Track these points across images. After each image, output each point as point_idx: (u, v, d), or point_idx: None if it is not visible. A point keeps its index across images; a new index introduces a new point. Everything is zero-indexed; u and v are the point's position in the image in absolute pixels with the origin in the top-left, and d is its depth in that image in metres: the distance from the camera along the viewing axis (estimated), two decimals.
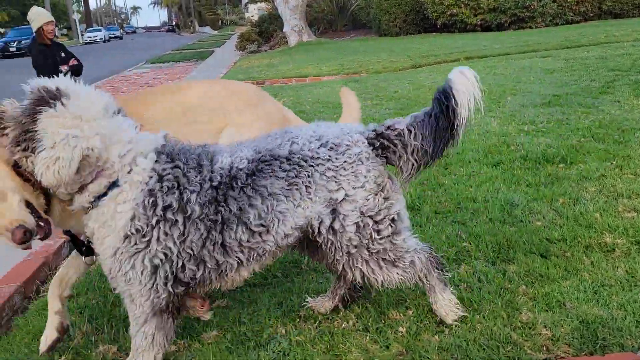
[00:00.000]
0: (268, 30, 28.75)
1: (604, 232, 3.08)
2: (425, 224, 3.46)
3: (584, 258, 2.84)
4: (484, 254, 3.00)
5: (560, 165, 4.28)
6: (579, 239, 3.03)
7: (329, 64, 14.24)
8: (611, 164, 4.16)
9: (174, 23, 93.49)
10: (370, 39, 24.31)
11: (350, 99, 3.18)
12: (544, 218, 3.38)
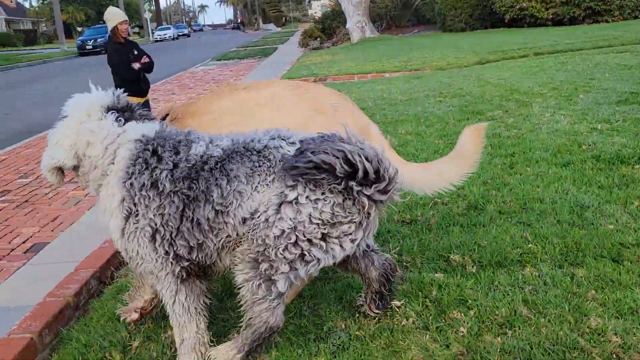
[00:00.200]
0: (331, 26, 28.84)
1: None
2: (488, 224, 3.39)
3: None
4: (550, 257, 2.90)
5: (636, 166, 4.06)
6: None
7: (391, 60, 14.13)
8: None
9: (239, 21, 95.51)
10: (435, 35, 23.91)
11: (468, 145, 2.68)
12: (616, 221, 3.23)
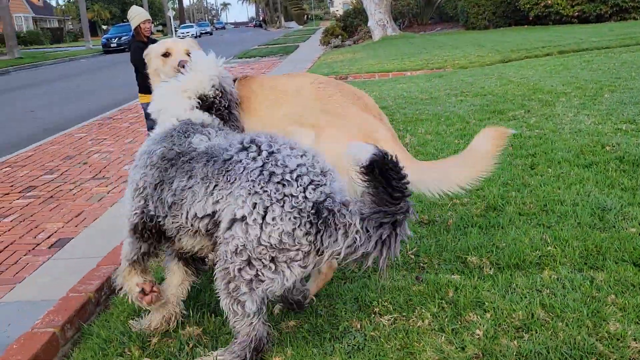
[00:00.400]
0: (352, 24, 28.76)
1: None
2: (507, 225, 3.36)
3: None
4: (570, 260, 2.87)
5: None
6: None
7: (412, 58, 14.04)
8: None
9: (261, 18, 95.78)
10: (457, 33, 23.68)
11: (483, 147, 2.48)
12: (639, 225, 3.17)
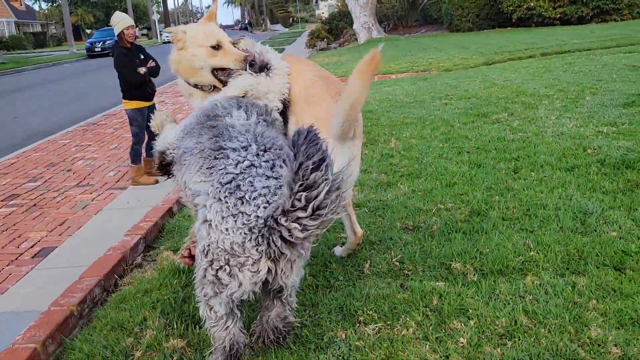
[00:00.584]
0: (338, 27, 28.83)
1: None
2: (491, 230, 3.38)
3: None
4: (552, 265, 2.89)
5: None
6: None
7: (398, 61, 14.09)
8: None
9: (247, 21, 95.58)
10: (441, 35, 23.82)
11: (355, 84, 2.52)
12: (620, 228, 3.21)
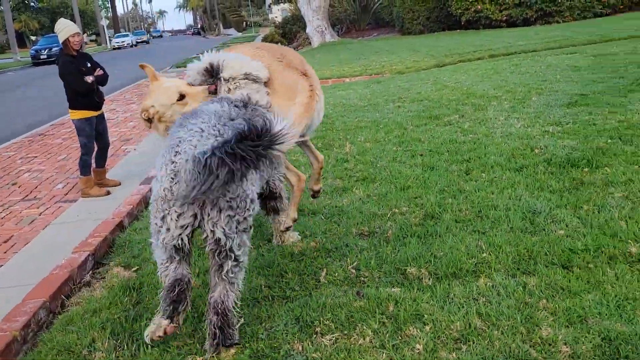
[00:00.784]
0: (291, 31, 28.89)
1: (630, 242, 3.00)
2: (444, 233, 3.42)
3: (608, 270, 2.77)
4: (504, 266, 2.95)
5: (585, 169, 4.17)
6: (603, 249, 2.96)
7: (351, 64, 14.21)
8: (639, 167, 4.05)
9: (200, 26, 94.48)
10: (394, 38, 24.17)
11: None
12: (567, 226, 3.30)
